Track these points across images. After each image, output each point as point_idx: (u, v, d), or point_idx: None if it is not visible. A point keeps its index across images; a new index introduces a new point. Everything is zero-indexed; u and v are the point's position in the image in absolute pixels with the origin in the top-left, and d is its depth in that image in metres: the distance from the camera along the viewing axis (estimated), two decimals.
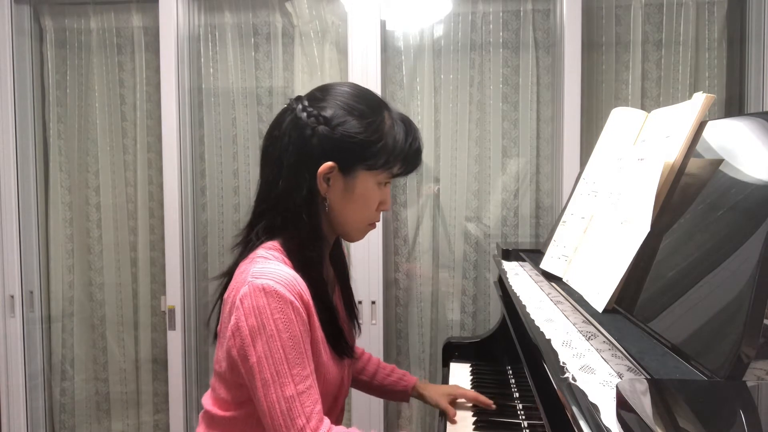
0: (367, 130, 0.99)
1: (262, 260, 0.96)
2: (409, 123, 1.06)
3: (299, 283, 0.94)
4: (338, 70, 2.11)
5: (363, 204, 1.04)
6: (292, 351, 0.91)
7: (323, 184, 1.00)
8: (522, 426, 1.23)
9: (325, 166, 0.99)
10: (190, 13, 2.14)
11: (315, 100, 1.02)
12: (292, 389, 0.90)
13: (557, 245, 1.20)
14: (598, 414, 0.60)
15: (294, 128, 1.00)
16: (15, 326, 2.18)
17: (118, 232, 2.25)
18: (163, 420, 2.30)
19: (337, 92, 1.02)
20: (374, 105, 1.03)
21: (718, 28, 1.98)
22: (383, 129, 1.01)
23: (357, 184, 1.02)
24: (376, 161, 1.01)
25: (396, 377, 1.34)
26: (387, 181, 1.06)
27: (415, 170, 1.09)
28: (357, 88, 1.05)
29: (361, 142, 0.99)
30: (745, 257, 0.66)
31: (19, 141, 2.16)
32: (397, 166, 1.04)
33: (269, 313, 0.90)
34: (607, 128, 1.23)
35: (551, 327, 0.92)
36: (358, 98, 1.02)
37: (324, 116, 0.98)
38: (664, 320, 0.75)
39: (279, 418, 0.90)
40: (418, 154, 1.06)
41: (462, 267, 2.13)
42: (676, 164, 0.91)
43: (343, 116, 0.99)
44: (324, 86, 1.06)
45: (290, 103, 1.03)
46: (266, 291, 0.90)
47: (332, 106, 1.00)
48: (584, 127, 1.95)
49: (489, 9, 2.07)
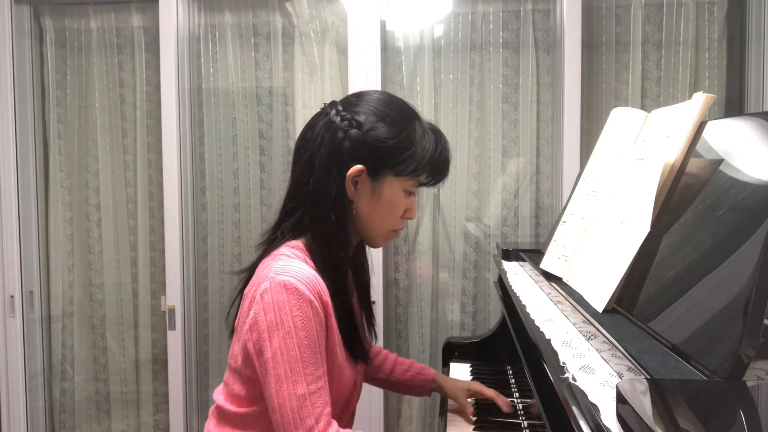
0: (397, 136, 1.01)
1: (284, 258, 0.97)
2: (440, 133, 1.08)
3: (320, 283, 0.96)
4: (338, 70, 2.11)
5: (389, 210, 1.05)
6: (308, 350, 0.91)
7: (351, 187, 1.02)
8: (522, 426, 1.23)
9: (355, 169, 1.00)
10: (190, 13, 2.14)
11: (349, 105, 1.04)
12: (304, 388, 0.91)
13: (557, 245, 1.20)
14: (598, 414, 0.60)
15: (327, 130, 1.02)
16: (15, 326, 2.18)
17: (118, 232, 2.25)
18: (163, 420, 2.30)
19: (371, 99, 1.05)
20: (406, 113, 1.05)
21: (718, 28, 1.98)
22: (414, 137, 1.03)
23: (384, 189, 1.03)
24: (404, 168, 1.02)
25: (414, 372, 1.34)
26: (413, 189, 1.07)
27: (442, 181, 1.10)
28: (390, 96, 1.07)
29: (392, 147, 1.01)
30: (745, 257, 0.66)
31: (19, 141, 2.16)
32: (425, 174, 1.05)
33: (288, 310, 0.91)
34: (607, 128, 1.23)
35: (551, 327, 0.92)
36: (390, 105, 1.04)
37: (357, 120, 1.01)
38: (664, 320, 0.75)
39: (289, 416, 0.90)
40: (446, 165, 1.08)
41: (462, 267, 2.13)
42: (676, 164, 0.91)
43: (375, 121, 1.01)
44: (359, 93, 1.08)
45: (324, 108, 1.06)
46: (287, 288, 0.91)
47: (365, 111, 1.02)
48: (584, 127, 1.95)
49: (489, 9, 2.07)
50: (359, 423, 2.00)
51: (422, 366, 1.36)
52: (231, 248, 2.21)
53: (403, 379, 1.33)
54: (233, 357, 1.01)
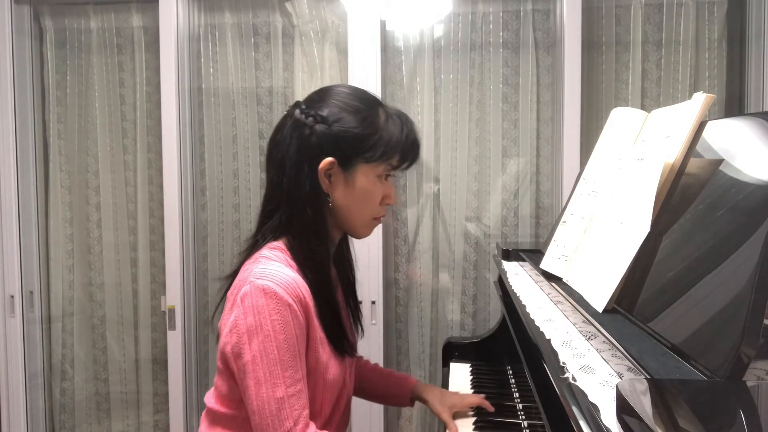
0: (362, 124, 1.03)
1: (264, 260, 0.98)
2: (405, 117, 1.09)
3: (299, 286, 0.96)
4: (338, 70, 2.11)
5: (365, 198, 1.06)
6: (286, 353, 0.93)
7: (325, 181, 1.03)
8: (522, 426, 1.23)
9: (326, 162, 1.02)
10: (190, 13, 2.14)
11: (312, 102, 1.07)
12: (282, 391, 0.92)
13: (557, 245, 1.20)
14: (598, 414, 0.60)
15: (294, 130, 1.04)
16: (15, 326, 2.18)
17: (118, 232, 2.25)
18: (163, 420, 2.30)
19: (333, 93, 1.07)
20: (368, 101, 1.07)
21: (718, 27, 1.98)
22: (378, 122, 1.05)
23: (357, 177, 1.05)
24: (373, 153, 1.04)
25: (394, 380, 1.32)
26: (388, 173, 1.08)
27: (415, 163, 1.11)
28: (352, 88, 1.09)
29: (358, 135, 1.02)
30: (745, 257, 0.66)
31: (19, 141, 2.16)
32: (396, 157, 1.06)
33: (267, 314, 0.92)
34: (607, 128, 1.23)
35: (551, 327, 0.92)
36: (352, 96, 1.06)
37: (320, 115, 1.03)
38: (664, 320, 0.75)
39: (267, 418, 0.92)
40: (415, 146, 1.09)
41: (462, 267, 2.13)
42: (676, 164, 0.91)
43: (338, 113, 1.03)
44: (320, 89, 1.11)
45: (290, 109, 1.08)
46: (266, 292, 0.93)
47: (328, 105, 1.04)
48: (584, 127, 1.95)
49: (489, 9, 2.07)
50: (359, 423, 2.01)
51: (403, 374, 1.34)
52: (231, 248, 2.21)
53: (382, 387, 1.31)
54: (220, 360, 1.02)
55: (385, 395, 1.33)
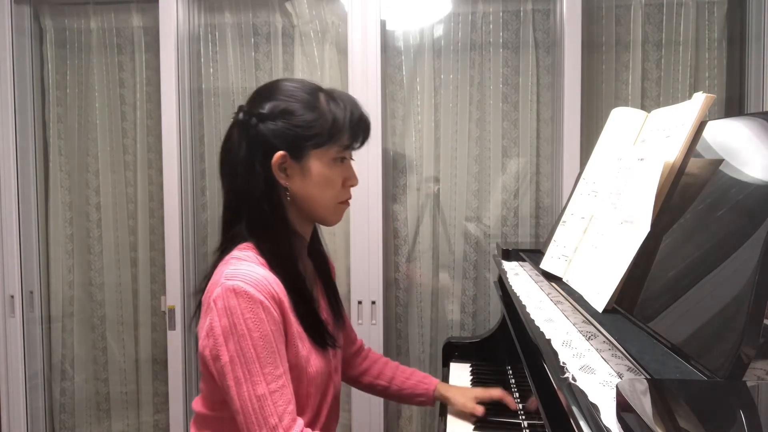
0: (304, 111, 1.03)
1: (235, 261, 0.99)
2: (346, 95, 1.09)
3: (270, 283, 0.96)
4: (338, 70, 2.11)
5: (324, 183, 1.06)
6: (263, 351, 0.93)
7: (281, 175, 1.04)
8: (522, 426, 1.23)
9: (277, 157, 1.02)
10: (190, 13, 2.14)
11: (252, 102, 1.07)
12: (264, 388, 0.92)
13: (557, 245, 1.20)
14: (598, 414, 0.60)
15: (240, 133, 1.04)
16: (15, 326, 2.18)
17: (118, 232, 2.25)
18: (163, 420, 2.30)
19: (271, 88, 1.07)
20: (307, 88, 1.06)
21: (718, 28, 1.98)
22: (320, 107, 1.04)
23: (312, 165, 1.04)
24: (321, 138, 1.03)
25: (416, 380, 1.32)
26: (342, 155, 1.07)
27: (367, 138, 1.10)
28: (289, 79, 1.09)
29: (302, 124, 1.02)
30: (745, 257, 0.66)
31: (19, 141, 2.16)
32: (345, 137, 1.06)
33: (240, 314, 0.92)
34: (607, 128, 1.23)
35: (551, 327, 0.92)
36: (290, 87, 1.06)
37: (262, 112, 1.03)
38: (664, 320, 0.75)
39: (251, 416, 0.92)
40: (362, 122, 1.08)
41: (462, 267, 2.13)
42: (676, 164, 0.91)
43: (279, 106, 1.03)
44: (259, 87, 1.10)
45: (234, 115, 1.07)
46: (236, 292, 0.93)
47: (268, 100, 1.04)
48: (584, 127, 1.94)
49: (489, 9, 2.07)
50: (359, 423, 2.01)
51: (424, 374, 1.34)
52: None
53: (405, 388, 1.32)
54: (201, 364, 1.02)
55: (407, 396, 1.33)
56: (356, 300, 2.01)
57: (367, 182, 1.98)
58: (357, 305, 2.01)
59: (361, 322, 2.01)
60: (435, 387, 1.31)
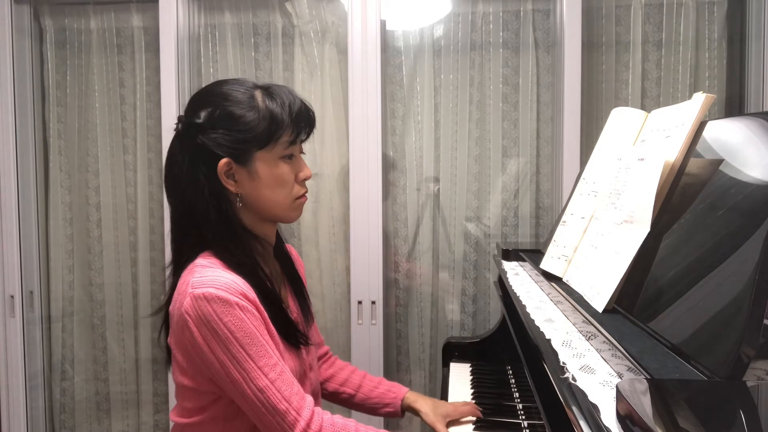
0: (241, 114, 0.99)
1: (200, 269, 0.96)
2: (282, 90, 1.04)
3: (240, 284, 0.95)
4: (338, 70, 2.11)
5: (276, 183, 1.03)
6: (252, 347, 0.92)
7: (229, 182, 1.01)
8: (522, 426, 1.23)
9: (221, 164, 1.00)
10: (190, 13, 2.14)
11: (189, 111, 1.03)
12: (264, 380, 0.92)
13: (557, 245, 1.20)
14: (598, 414, 0.60)
15: (180, 145, 1.02)
16: (15, 326, 2.18)
17: (118, 232, 2.25)
18: (163, 420, 2.30)
19: (205, 93, 1.04)
20: (242, 88, 1.03)
21: (718, 27, 1.98)
22: (257, 105, 1.01)
23: (259, 167, 1.01)
24: (263, 138, 1.00)
25: (384, 389, 1.28)
26: (290, 152, 1.04)
27: (312, 129, 1.07)
28: (223, 81, 1.05)
29: (241, 127, 0.99)
30: (745, 257, 0.66)
31: (19, 141, 2.16)
32: (287, 132, 1.02)
33: (217, 319, 0.91)
34: (607, 128, 1.23)
35: (551, 327, 0.92)
36: (225, 89, 1.02)
37: (198, 123, 0.99)
38: (664, 320, 0.75)
39: (261, 409, 0.92)
40: (302, 113, 1.04)
41: (462, 267, 2.13)
42: (676, 164, 0.91)
43: (215, 112, 0.99)
44: (195, 93, 1.06)
45: (175, 127, 1.04)
46: (208, 298, 0.91)
47: (203, 107, 1.01)
48: (584, 127, 1.95)
49: (489, 9, 2.07)
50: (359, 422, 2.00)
51: (393, 383, 1.30)
52: None
53: (372, 397, 1.27)
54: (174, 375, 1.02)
55: (374, 406, 1.28)
56: (356, 300, 2.01)
57: (367, 182, 1.98)
58: (357, 305, 2.01)
59: (361, 322, 2.01)
60: (403, 396, 1.26)
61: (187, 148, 1.01)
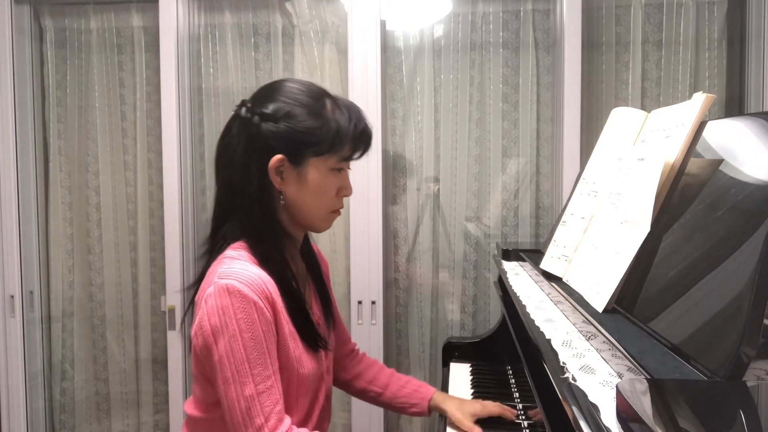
0: (309, 117, 1.01)
1: (228, 260, 0.98)
2: (353, 106, 1.07)
3: (264, 282, 0.95)
4: (338, 70, 2.11)
5: (319, 192, 1.05)
6: (254, 351, 0.92)
7: (276, 178, 1.02)
8: (522, 426, 1.23)
9: (275, 160, 1.00)
10: (190, 13, 2.14)
11: (257, 100, 1.04)
12: (252, 389, 0.92)
13: (557, 245, 1.20)
14: (598, 414, 0.60)
15: (240, 130, 1.02)
16: (15, 326, 2.18)
17: (118, 232, 2.25)
18: (163, 420, 2.30)
19: (278, 88, 1.05)
20: (315, 93, 1.04)
21: (718, 28, 1.98)
22: (326, 114, 1.02)
23: (309, 172, 1.03)
24: (323, 147, 1.02)
25: (412, 388, 1.28)
26: (341, 166, 1.06)
27: (367, 151, 1.09)
28: (298, 81, 1.07)
29: (305, 130, 1.01)
30: (745, 257, 0.66)
31: (19, 141, 2.16)
32: (346, 148, 1.04)
33: (232, 313, 0.92)
34: (607, 128, 1.23)
35: (551, 327, 0.92)
36: (298, 90, 1.04)
37: (266, 112, 1.01)
38: (664, 320, 0.75)
39: (238, 416, 0.92)
40: (365, 135, 1.07)
41: (462, 267, 2.13)
42: (676, 164, 0.91)
43: (284, 109, 1.01)
44: (266, 85, 1.08)
45: (236, 109, 1.05)
46: (230, 291, 0.92)
47: (274, 101, 1.02)
48: (584, 127, 1.94)
49: (489, 9, 2.07)
50: (359, 423, 2.01)
51: (420, 383, 1.30)
52: None
53: (399, 396, 1.28)
54: (192, 363, 1.02)
55: (401, 405, 1.28)
56: (356, 300, 2.01)
57: (367, 182, 1.98)
58: (357, 305, 2.01)
59: (361, 322, 2.01)
60: (431, 397, 1.27)
61: (245, 134, 1.01)
